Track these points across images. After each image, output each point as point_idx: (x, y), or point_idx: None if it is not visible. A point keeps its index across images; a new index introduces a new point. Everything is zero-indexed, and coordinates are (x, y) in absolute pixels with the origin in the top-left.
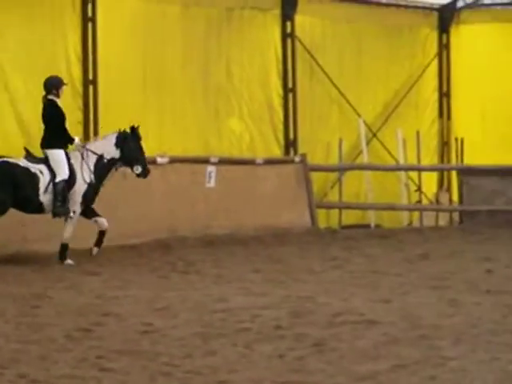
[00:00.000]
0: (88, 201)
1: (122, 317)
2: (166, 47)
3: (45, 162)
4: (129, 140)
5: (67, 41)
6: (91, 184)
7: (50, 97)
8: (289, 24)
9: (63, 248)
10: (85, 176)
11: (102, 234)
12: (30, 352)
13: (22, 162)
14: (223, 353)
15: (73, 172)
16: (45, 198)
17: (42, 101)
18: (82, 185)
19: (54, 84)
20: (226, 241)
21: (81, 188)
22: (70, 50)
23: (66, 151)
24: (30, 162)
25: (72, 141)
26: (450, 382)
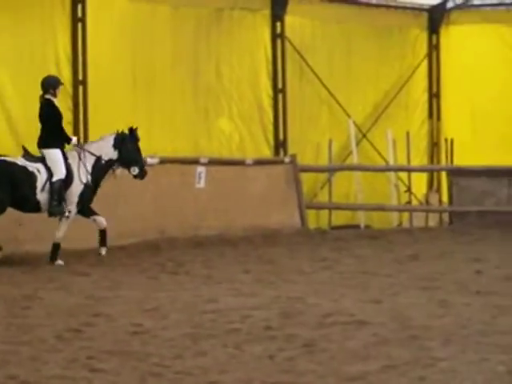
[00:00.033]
0: (85, 201)
1: (112, 317)
2: (156, 47)
3: (42, 160)
4: (127, 141)
5: (57, 41)
6: (87, 185)
7: (47, 96)
8: (278, 24)
9: (55, 247)
10: (81, 176)
11: (103, 233)
12: (21, 353)
13: (20, 161)
14: (213, 353)
15: (70, 172)
16: (42, 197)
17: (39, 100)
18: (79, 185)
19: (51, 83)
20: (215, 241)
21: (77, 188)
22: (60, 51)
23: (63, 151)
24: (27, 160)
25: (69, 140)
26: (440, 383)
